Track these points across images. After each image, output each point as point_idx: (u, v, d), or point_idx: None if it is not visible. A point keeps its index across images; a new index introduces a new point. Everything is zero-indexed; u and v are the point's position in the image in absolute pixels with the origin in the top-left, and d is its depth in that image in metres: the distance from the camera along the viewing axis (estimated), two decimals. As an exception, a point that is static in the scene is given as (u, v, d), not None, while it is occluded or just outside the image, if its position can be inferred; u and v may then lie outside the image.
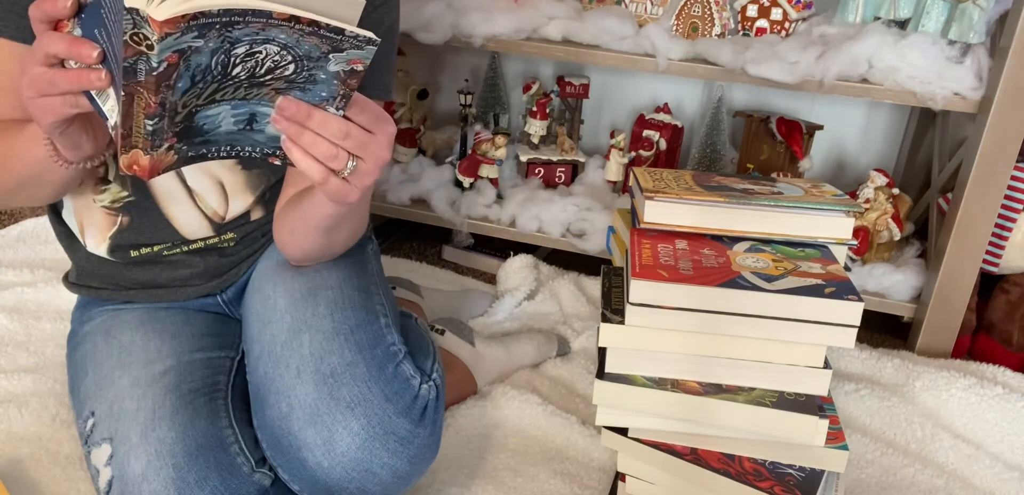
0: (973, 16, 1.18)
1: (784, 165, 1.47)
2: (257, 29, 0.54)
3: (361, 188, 0.66)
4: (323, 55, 0.57)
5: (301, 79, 0.59)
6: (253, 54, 0.56)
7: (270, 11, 0.52)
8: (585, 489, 0.97)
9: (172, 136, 0.60)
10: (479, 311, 1.37)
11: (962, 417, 1.12)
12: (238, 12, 0.52)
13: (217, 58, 0.55)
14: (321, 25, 0.54)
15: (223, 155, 0.64)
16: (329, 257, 0.88)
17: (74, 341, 0.94)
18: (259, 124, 0.62)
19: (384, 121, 0.65)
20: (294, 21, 0.53)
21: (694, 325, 0.83)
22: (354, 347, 0.80)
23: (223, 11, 0.51)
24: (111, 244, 0.90)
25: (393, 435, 0.77)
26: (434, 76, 1.83)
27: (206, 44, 0.54)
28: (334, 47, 0.56)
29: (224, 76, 0.57)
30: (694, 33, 1.36)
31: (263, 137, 0.64)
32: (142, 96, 0.55)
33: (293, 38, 0.55)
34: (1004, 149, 1.18)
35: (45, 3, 0.57)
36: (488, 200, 1.52)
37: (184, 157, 0.63)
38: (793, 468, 0.83)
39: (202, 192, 0.89)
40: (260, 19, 0.53)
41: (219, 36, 0.53)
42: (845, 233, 0.93)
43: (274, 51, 0.56)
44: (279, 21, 0.53)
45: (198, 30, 0.52)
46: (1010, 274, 1.34)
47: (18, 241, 1.52)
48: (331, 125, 0.61)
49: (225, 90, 0.58)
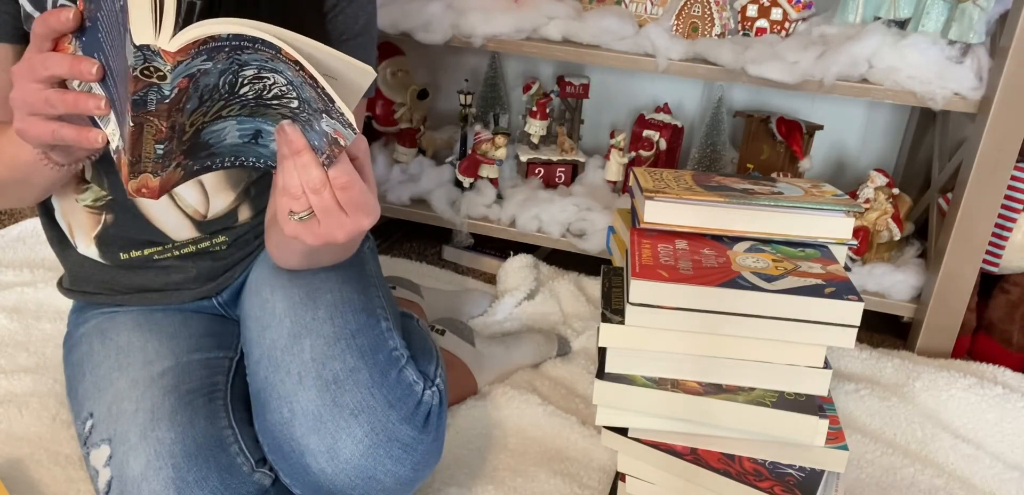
0: (973, 16, 1.18)
1: (784, 165, 1.47)
2: (266, 58, 0.54)
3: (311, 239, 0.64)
4: (317, 110, 0.57)
5: (301, 118, 0.59)
6: (261, 78, 0.56)
7: (278, 48, 0.52)
8: (585, 489, 0.97)
9: (180, 154, 0.59)
10: (479, 311, 1.37)
11: (962, 417, 1.12)
12: (248, 39, 0.52)
13: (225, 78, 0.55)
14: (318, 84, 0.54)
15: (228, 165, 0.64)
16: (319, 266, 0.87)
17: (70, 343, 0.94)
18: (264, 139, 0.62)
19: (361, 211, 0.63)
20: (298, 66, 0.53)
21: (694, 325, 0.83)
22: (356, 352, 0.80)
23: (233, 35, 0.51)
24: (99, 243, 0.90)
25: (397, 442, 0.77)
26: (434, 76, 1.83)
27: (215, 66, 0.53)
28: (326, 110, 0.56)
29: (231, 94, 0.57)
30: (694, 33, 1.36)
31: (267, 151, 0.63)
32: (152, 124, 0.55)
33: (298, 80, 0.55)
34: (1004, 149, 1.18)
35: (50, 17, 0.56)
36: (488, 200, 1.52)
37: (190, 171, 0.63)
38: (793, 468, 0.83)
39: (180, 190, 0.88)
40: (269, 50, 0.53)
41: (228, 58, 0.53)
42: (845, 233, 0.93)
43: (282, 82, 0.56)
44: (285, 60, 0.53)
45: (208, 53, 0.52)
46: (1010, 274, 1.34)
47: (18, 241, 1.52)
48: (311, 172, 0.60)
49: (231, 107, 0.58)
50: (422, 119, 1.68)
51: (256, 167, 0.65)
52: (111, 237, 0.89)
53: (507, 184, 1.57)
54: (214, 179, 0.89)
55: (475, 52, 1.56)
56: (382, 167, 1.60)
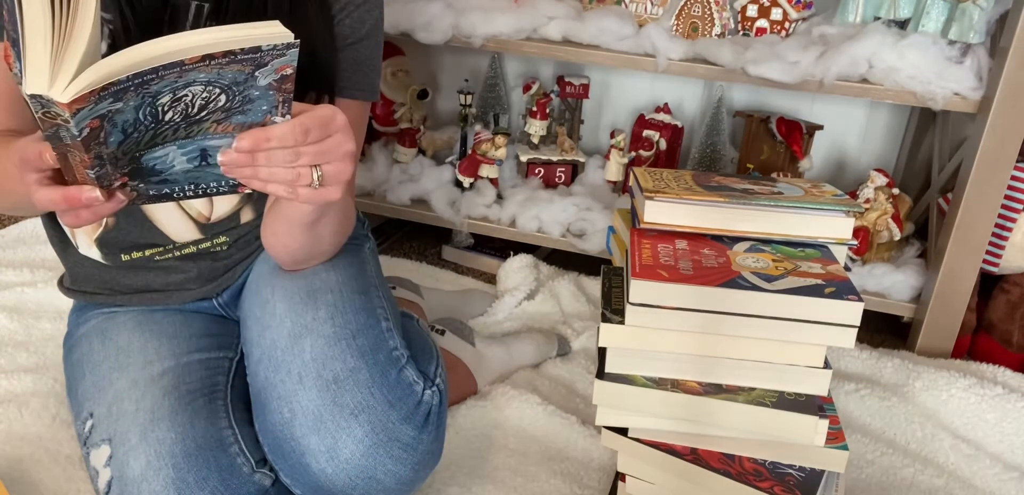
0: (973, 16, 1.18)
1: (784, 165, 1.47)
2: (174, 78, 0.52)
3: (339, 185, 0.65)
4: (249, 75, 0.55)
5: (237, 104, 0.57)
6: (180, 99, 0.54)
7: (181, 61, 0.50)
8: (585, 489, 0.97)
9: (122, 176, 0.58)
10: (479, 311, 1.37)
11: (962, 417, 1.12)
12: (148, 71, 0.50)
13: (143, 111, 0.54)
14: (236, 52, 0.52)
15: (190, 195, 0.63)
16: (319, 257, 0.87)
17: (70, 343, 0.94)
18: (213, 158, 0.60)
19: (331, 119, 0.63)
20: (209, 59, 0.51)
21: (694, 325, 0.82)
22: (356, 352, 0.79)
23: (133, 75, 0.50)
24: (101, 245, 0.90)
25: (397, 442, 0.77)
26: (434, 76, 1.83)
27: (126, 104, 0.52)
28: (257, 64, 0.54)
29: (157, 123, 0.55)
30: (694, 33, 1.36)
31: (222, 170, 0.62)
32: (74, 154, 0.54)
33: (213, 74, 0.53)
34: (1004, 149, 1.18)
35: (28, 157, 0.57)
36: (488, 200, 1.52)
37: (146, 195, 0.61)
38: (793, 468, 0.83)
39: None
40: (173, 70, 0.51)
41: (137, 94, 0.52)
42: (845, 233, 0.93)
43: (199, 90, 0.54)
44: (192, 64, 0.51)
45: (112, 96, 0.50)
46: (1010, 274, 1.34)
47: (18, 241, 1.52)
48: (277, 157, 0.60)
49: (163, 134, 0.57)
50: (422, 119, 1.68)
51: (221, 192, 0.63)
52: (113, 239, 0.89)
53: (507, 184, 1.57)
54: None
55: (475, 52, 1.56)
56: (382, 167, 1.60)
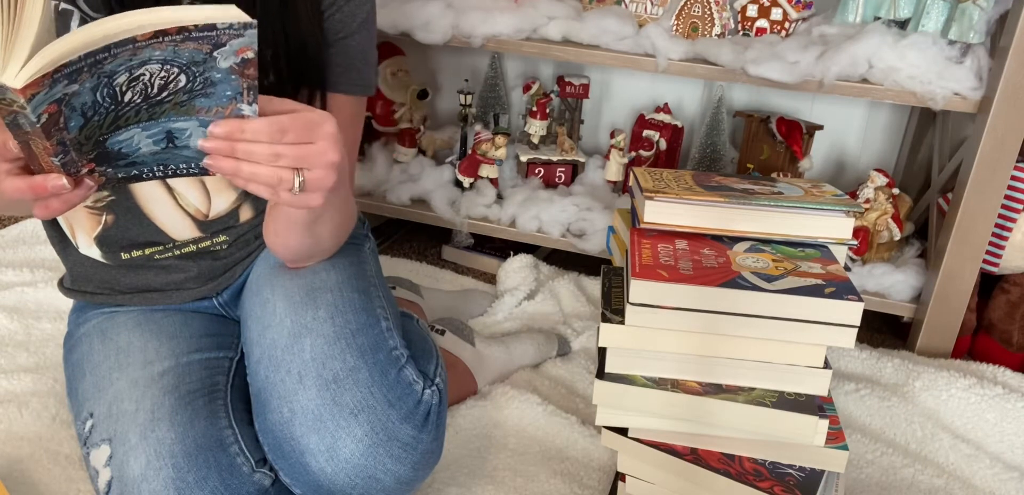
0: (973, 16, 1.18)
1: (784, 165, 1.47)
2: (128, 56, 0.51)
3: (321, 193, 0.64)
4: (208, 56, 0.54)
5: (198, 86, 0.56)
6: (137, 78, 0.54)
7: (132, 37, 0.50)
8: (585, 489, 0.97)
9: (88, 162, 0.58)
10: (479, 311, 1.37)
11: (962, 417, 1.12)
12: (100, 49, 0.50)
13: (101, 92, 0.53)
14: (190, 28, 0.51)
15: (159, 175, 0.62)
16: (321, 254, 0.87)
17: (70, 343, 0.94)
18: (181, 140, 0.60)
19: (318, 124, 0.62)
20: (161, 35, 0.51)
21: (694, 325, 0.83)
22: (356, 352, 0.79)
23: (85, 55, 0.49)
24: (100, 243, 0.90)
25: (397, 441, 0.77)
26: (434, 76, 1.83)
27: (82, 85, 0.51)
28: (214, 44, 0.53)
29: (117, 104, 0.55)
30: (694, 33, 1.36)
31: (190, 152, 0.61)
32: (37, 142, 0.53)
33: (169, 52, 0.52)
34: (1004, 149, 1.18)
35: None
36: (488, 200, 1.52)
37: (115, 179, 0.61)
38: (793, 468, 0.83)
39: (182, 190, 0.88)
40: (125, 47, 0.50)
41: (92, 74, 0.51)
42: (845, 233, 0.93)
43: (157, 69, 0.53)
44: (145, 41, 0.51)
45: (67, 78, 0.50)
46: (1010, 274, 1.34)
47: (18, 241, 1.52)
48: (256, 153, 0.59)
49: (125, 115, 0.56)
50: (422, 119, 1.68)
51: (190, 173, 0.62)
52: (112, 237, 0.89)
53: (507, 184, 1.57)
54: (215, 178, 0.89)
55: (475, 52, 1.56)
56: (382, 167, 1.60)
